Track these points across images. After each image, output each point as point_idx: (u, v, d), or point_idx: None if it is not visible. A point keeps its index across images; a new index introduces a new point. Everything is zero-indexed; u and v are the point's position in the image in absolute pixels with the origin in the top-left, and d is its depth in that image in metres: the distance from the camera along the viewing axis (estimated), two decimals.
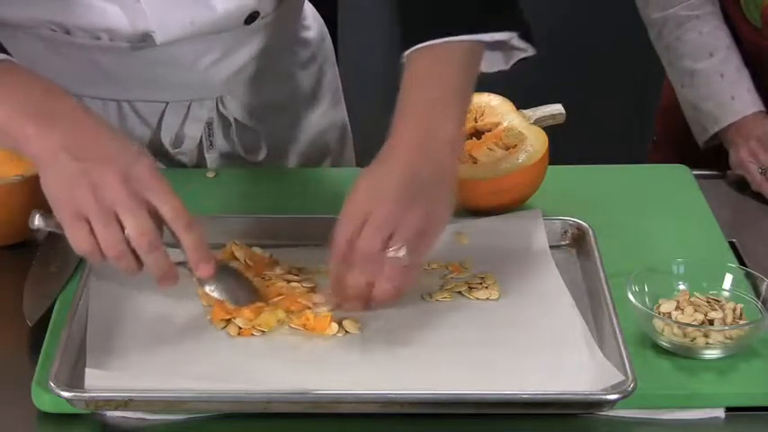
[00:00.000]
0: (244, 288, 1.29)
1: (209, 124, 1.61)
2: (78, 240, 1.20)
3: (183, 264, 1.23)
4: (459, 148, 1.31)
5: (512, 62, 1.39)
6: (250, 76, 1.62)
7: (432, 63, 1.32)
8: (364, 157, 1.48)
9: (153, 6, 1.47)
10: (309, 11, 1.75)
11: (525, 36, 1.36)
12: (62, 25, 1.51)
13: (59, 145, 1.20)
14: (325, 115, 1.75)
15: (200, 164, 1.64)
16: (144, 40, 1.51)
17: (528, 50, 1.38)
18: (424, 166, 1.26)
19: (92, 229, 1.19)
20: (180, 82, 1.57)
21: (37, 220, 1.26)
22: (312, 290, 1.32)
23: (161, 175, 1.22)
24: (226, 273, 1.28)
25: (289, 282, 1.32)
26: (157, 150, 1.59)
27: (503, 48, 1.38)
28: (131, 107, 1.59)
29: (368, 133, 1.97)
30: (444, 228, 1.27)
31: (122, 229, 1.19)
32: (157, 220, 1.20)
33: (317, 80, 1.74)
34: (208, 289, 1.27)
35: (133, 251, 1.20)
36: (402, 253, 1.22)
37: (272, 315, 1.27)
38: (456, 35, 1.32)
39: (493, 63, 1.39)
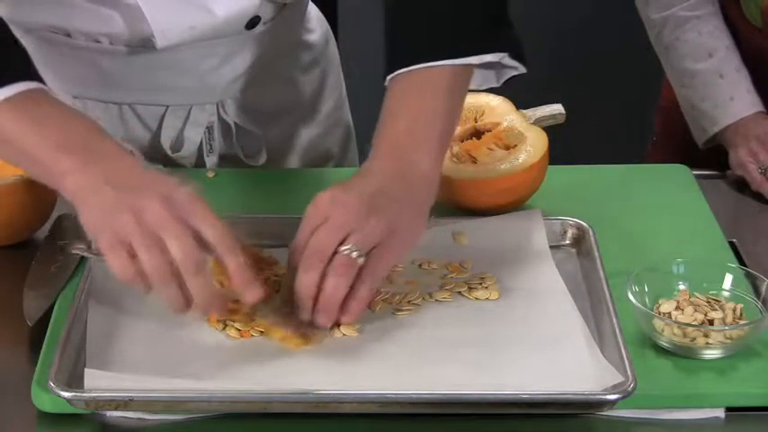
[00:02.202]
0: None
1: (209, 128, 1.61)
2: (121, 267, 1.16)
3: None
4: (435, 179, 1.28)
5: (503, 80, 1.38)
6: (251, 80, 1.62)
7: (408, 90, 1.30)
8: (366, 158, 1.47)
9: (153, 11, 1.47)
10: (314, 13, 1.74)
11: (516, 55, 1.34)
12: (62, 28, 1.51)
13: (101, 179, 1.18)
14: (329, 119, 1.75)
15: (200, 167, 1.63)
16: (144, 45, 1.51)
17: (519, 69, 1.36)
18: (394, 186, 1.24)
19: (133, 256, 1.16)
20: (180, 86, 1.56)
21: (79, 249, 1.26)
22: None
23: (202, 200, 1.19)
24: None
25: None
26: (157, 154, 1.59)
27: (494, 66, 1.36)
28: (132, 110, 1.58)
29: (369, 135, 1.97)
30: (406, 249, 1.25)
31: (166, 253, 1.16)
32: (200, 246, 1.18)
33: (320, 84, 1.73)
34: (260, 314, 1.23)
35: (177, 278, 1.16)
36: (354, 254, 1.20)
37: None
38: (437, 60, 1.29)
39: (484, 80, 1.38)
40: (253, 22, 1.55)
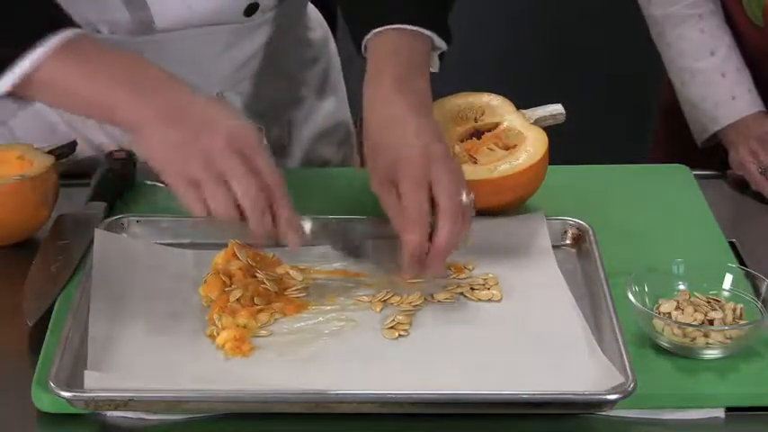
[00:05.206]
0: None
1: None
2: (193, 204, 1.24)
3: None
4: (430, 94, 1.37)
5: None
6: (251, 73, 1.63)
7: (395, 37, 1.37)
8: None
9: None
10: (313, 14, 1.76)
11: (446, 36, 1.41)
12: None
13: (155, 110, 1.23)
14: (329, 119, 1.75)
15: None
16: (144, 32, 1.51)
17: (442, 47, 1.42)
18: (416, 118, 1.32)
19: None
20: (180, 76, 1.56)
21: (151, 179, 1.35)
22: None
23: (262, 142, 1.27)
24: None
25: (288, 287, 1.32)
26: None
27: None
28: None
29: None
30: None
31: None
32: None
33: (320, 83, 1.74)
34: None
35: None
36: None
37: (270, 316, 1.27)
38: (410, 24, 1.37)
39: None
40: (251, 8, 1.55)
